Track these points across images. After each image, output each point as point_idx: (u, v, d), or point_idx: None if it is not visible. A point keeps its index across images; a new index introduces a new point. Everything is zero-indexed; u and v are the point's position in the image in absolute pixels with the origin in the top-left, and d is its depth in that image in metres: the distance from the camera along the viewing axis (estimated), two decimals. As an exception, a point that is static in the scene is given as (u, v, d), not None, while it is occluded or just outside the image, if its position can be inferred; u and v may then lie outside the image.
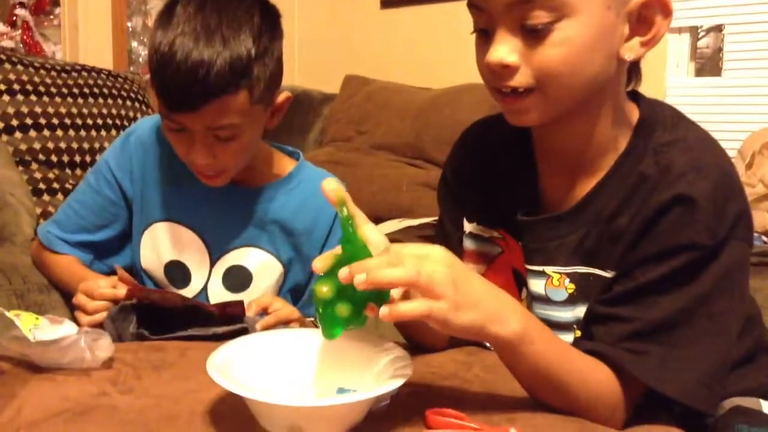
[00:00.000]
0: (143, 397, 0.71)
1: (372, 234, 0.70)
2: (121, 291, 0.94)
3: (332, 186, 0.68)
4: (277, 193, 1.11)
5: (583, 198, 0.79)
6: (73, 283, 1.04)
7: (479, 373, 0.79)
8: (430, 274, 0.62)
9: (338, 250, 0.66)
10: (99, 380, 0.75)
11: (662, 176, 0.74)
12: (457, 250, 0.93)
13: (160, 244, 1.11)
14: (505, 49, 0.72)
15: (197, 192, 1.08)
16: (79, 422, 0.65)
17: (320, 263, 0.65)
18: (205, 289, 1.11)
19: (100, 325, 0.94)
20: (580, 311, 0.79)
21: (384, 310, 0.62)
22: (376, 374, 0.66)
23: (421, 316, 0.62)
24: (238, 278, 1.10)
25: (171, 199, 1.10)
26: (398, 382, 0.62)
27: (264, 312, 0.99)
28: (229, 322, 0.92)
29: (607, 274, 0.77)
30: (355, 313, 0.64)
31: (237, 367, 0.65)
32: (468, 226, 0.92)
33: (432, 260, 0.64)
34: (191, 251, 1.10)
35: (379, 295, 0.64)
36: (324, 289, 0.64)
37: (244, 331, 0.90)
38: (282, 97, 1.05)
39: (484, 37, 0.75)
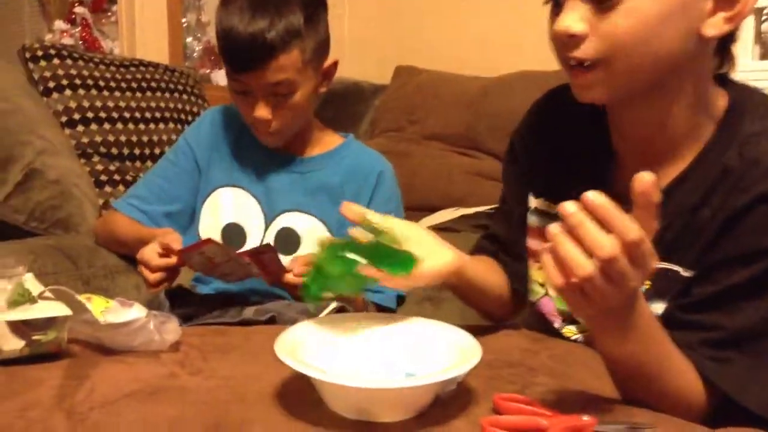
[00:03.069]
0: (211, 378, 0.72)
1: (410, 228, 0.78)
2: (173, 259, 1.03)
3: (348, 207, 0.77)
4: (327, 162, 1.22)
5: (665, 188, 0.74)
6: (134, 243, 1.12)
7: (547, 362, 0.77)
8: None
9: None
10: (168, 362, 0.76)
11: (747, 170, 0.69)
12: (519, 228, 0.91)
13: (221, 207, 1.21)
14: (573, 17, 0.69)
15: (257, 160, 1.21)
16: (150, 402, 0.66)
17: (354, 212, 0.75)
18: None
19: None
20: (655, 308, 0.75)
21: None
22: (444, 359, 0.66)
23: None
24: (288, 240, 1.19)
25: (235, 166, 1.22)
26: (467, 367, 0.61)
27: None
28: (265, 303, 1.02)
29: (686, 273, 0.73)
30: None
31: (303, 349, 0.65)
32: (534, 202, 0.90)
33: None
34: (249, 213, 1.20)
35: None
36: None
37: (271, 321, 0.97)
38: (329, 62, 1.17)
39: (556, 7, 0.73)
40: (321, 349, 0.68)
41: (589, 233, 0.56)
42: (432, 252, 0.79)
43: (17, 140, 1.56)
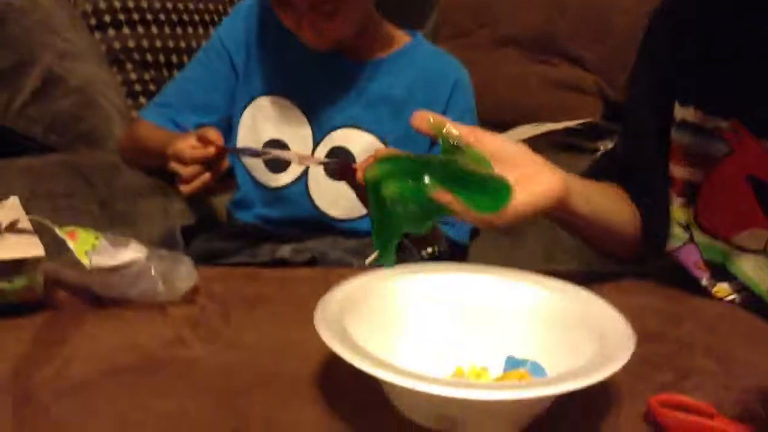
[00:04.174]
0: (231, 347, 0.53)
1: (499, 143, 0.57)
2: (210, 149, 0.85)
3: (422, 117, 0.57)
4: (391, 67, 1.01)
5: None
6: (165, 148, 0.93)
7: (701, 334, 0.55)
8: None
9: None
10: (176, 320, 0.57)
11: None
12: (656, 148, 0.68)
13: (261, 121, 1.01)
14: None
15: (305, 64, 1.01)
16: (142, 385, 0.46)
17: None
18: (305, 173, 1.00)
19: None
20: None
21: None
22: (564, 336, 0.44)
23: None
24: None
25: (276, 70, 1.02)
26: (615, 366, 0.38)
27: None
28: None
29: None
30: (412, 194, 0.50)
31: (356, 321, 0.44)
32: (681, 112, 0.67)
33: None
34: (294, 128, 1.01)
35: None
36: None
37: (311, 262, 0.80)
38: None
39: None
40: (383, 320, 0.46)
41: None
42: (529, 177, 0.57)
43: (35, 42, 1.37)
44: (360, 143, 1.00)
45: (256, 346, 0.52)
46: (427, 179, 0.51)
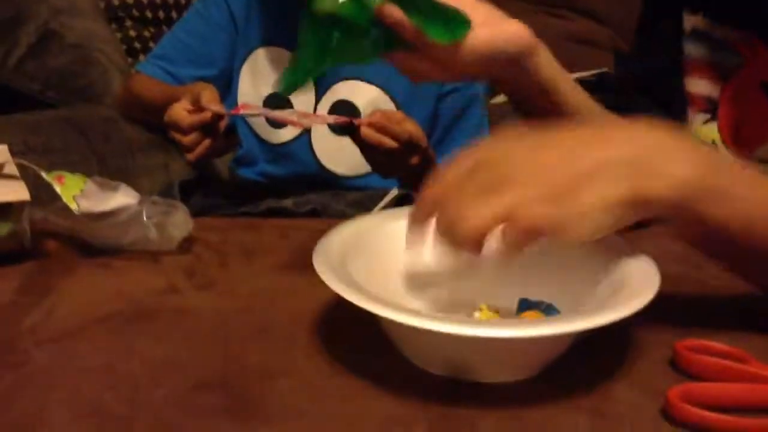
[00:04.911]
0: (226, 296, 0.50)
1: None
2: (207, 113, 0.82)
3: None
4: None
5: None
6: (163, 104, 0.90)
7: (722, 276, 0.51)
8: None
9: None
10: (170, 268, 0.54)
11: None
12: (666, 65, 0.65)
13: (262, 74, 0.98)
14: None
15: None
16: (132, 333, 0.44)
17: None
18: (308, 129, 0.97)
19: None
20: None
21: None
22: (579, 278, 0.41)
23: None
24: (345, 116, 0.96)
25: (277, 19, 0.99)
26: (637, 304, 0.35)
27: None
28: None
29: None
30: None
31: (358, 265, 0.40)
32: (691, 20, 0.62)
33: None
34: None
35: None
36: None
37: (313, 214, 0.79)
38: None
39: None
40: (388, 264, 0.43)
41: None
42: (495, 23, 0.54)
43: (30, -3, 1.33)
44: (365, 96, 0.96)
45: (253, 295, 0.49)
46: None
